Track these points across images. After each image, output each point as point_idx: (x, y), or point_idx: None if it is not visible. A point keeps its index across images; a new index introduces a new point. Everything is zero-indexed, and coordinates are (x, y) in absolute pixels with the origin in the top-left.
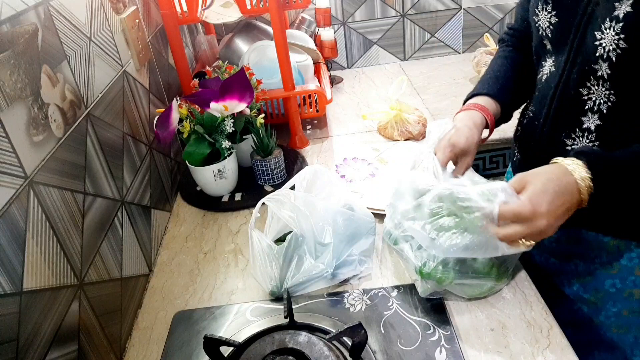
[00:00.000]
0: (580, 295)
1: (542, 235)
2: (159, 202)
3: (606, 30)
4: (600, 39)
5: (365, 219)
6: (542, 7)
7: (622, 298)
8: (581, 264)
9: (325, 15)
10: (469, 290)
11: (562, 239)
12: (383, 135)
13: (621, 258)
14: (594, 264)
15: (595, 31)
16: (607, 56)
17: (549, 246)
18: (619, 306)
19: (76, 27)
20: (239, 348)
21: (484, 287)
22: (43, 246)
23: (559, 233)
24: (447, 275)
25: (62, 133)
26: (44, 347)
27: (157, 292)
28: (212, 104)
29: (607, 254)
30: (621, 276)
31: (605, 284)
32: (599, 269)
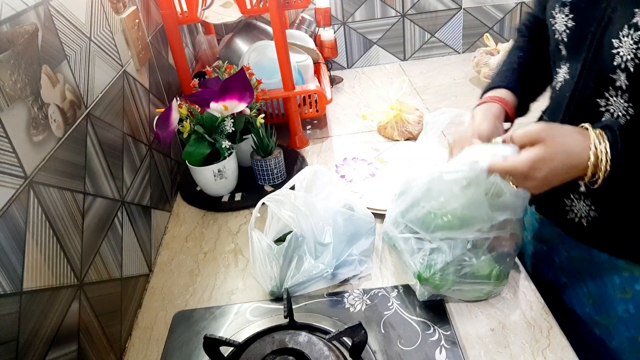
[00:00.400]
0: (592, 318)
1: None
2: (159, 202)
3: (624, 38)
4: (618, 47)
5: (365, 219)
6: (559, 9)
7: (636, 324)
8: (592, 285)
9: (325, 15)
10: (468, 294)
11: (573, 258)
12: (383, 135)
13: (635, 283)
14: (606, 287)
15: (612, 39)
16: (625, 66)
17: (559, 265)
18: (633, 332)
19: (76, 27)
20: (239, 348)
21: (482, 291)
22: (43, 246)
23: (571, 252)
24: (446, 281)
25: (62, 133)
26: (44, 347)
27: (157, 292)
28: (212, 104)
29: (620, 278)
30: (635, 302)
31: (618, 308)
32: (612, 292)
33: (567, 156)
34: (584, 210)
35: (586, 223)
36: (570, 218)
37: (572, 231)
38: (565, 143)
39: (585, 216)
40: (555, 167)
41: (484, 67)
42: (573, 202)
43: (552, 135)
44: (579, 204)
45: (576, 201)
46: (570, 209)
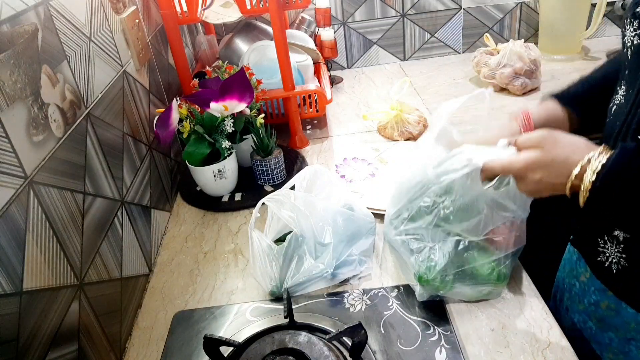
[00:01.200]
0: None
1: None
2: (158, 202)
3: None
4: None
5: (365, 219)
6: (630, 20)
7: None
8: (616, 340)
9: (325, 15)
10: (468, 294)
11: (601, 305)
12: (383, 135)
13: None
14: (629, 344)
15: None
16: None
17: (588, 308)
18: None
19: (76, 27)
20: (239, 348)
21: (483, 291)
22: (43, 246)
23: (599, 297)
24: (446, 282)
25: (62, 133)
26: (44, 347)
27: (157, 292)
28: (212, 104)
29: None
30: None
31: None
32: (634, 351)
33: (564, 164)
34: (615, 256)
35: (615, 270)
36: (601, 261)
37: (601, 275)
38: (565, 153)
39: (615, 262)
40: (550, 174)
41: (483, 67)
42: (606, 245)
43: (554, 141)
44: (611, 248)
45: (609, 244)
46: (602, 250)
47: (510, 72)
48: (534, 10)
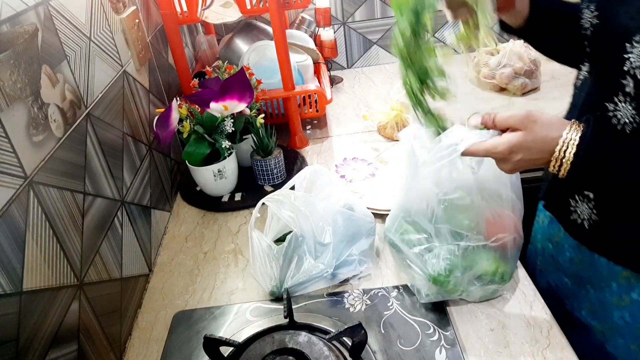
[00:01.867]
0: (589, 323)
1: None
2: (158, 202)
3: (636, 44)
4: (630, 52)
5: (365, 219)
6: (587, 5)
7: (630, 332)
8: (592, 291)
9: (325, 15)
10: (474, 294)
11: (575, 260)
12: (383, 135)
13: (632, 291)
14: (604, 292)
15: (626, 43)
16: (634, 73)
17: (563, 265)
18: (627, 340)
19: (76, 27)
20: (238, 348)
21: (489, 290)
22: (43, 246)
23: (573, 253)
24: (458, 284)
25: (62, 133)
26: (44, 347)
27: (157, 292)
28: (212, 104)
29: (618, 285)
30: (631, 310)
31: (614, 315)
32: (609, 298)
33: (544, 143)
34: (586, 212)
35: (587, 226)
36: (574, 219)
37: (574, 232)
38: (544, 131)
39: (587, 219)
40: (531, 152)
41: (484, 67)
42: (577, 203)
43: (535, 121)
44: (582, 205)
45: (580, 202)
46: (574, 209)
47: (510, 72)
48: None
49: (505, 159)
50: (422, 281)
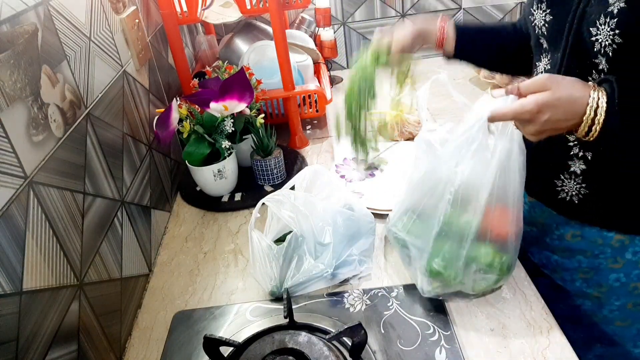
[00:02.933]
0: (584, 291)
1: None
2: (158, 202)
3: (601, 26)
4: (596, 34)
5: (365, 219)
6: (537, 5)
7: (626, 292)
8: (585, 260)
9: (325, 15)
10: (476, 285)
11: (565, 236)
12: (383, 135)
13: (626, 252)
14: (598, 259)
15: (590, 27)
16: (604, 51)
17: (551, 244)
18: (623, 300)
19: (76, 27)
20: (238, 348)
21: (489, 281)
22: (43, 246)
23: (562, 230)
24: (456, 274)
25: (62, 133)
26: (44, 347)
27: (157, 292)
28: (212, 104)
29: (611, 249)
30: (626, 270)
31: (609, 278)
32: (603, 263)
33: (570, 103)
34: (575, 188)
35: (577, 201)
36: (562, 198)
37: (563, 210)
38: (569, 91)
39: (576, 194)
40: (558, 112)
41: None
42: (564, 182)
43: (558, 82)
44: (570, 183)
45: (567, 181)
46: (561, 188)
47: None
48: None
49: (532, 119)
50: (423, 276)
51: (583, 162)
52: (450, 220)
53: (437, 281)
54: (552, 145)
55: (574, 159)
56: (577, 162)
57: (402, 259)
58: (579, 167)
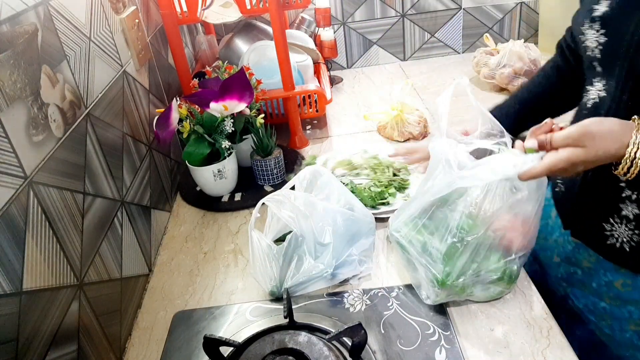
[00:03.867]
0: (635, 343)
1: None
2: (158, 202)
3: None
4: None
5: (365, 219)
6: (589, 25)
7: None
8: (636, 312)
9: (325, 15)
10: (480, 296)
11: (613, 283)
12: (383, 135)
13: None
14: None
15: None
16: None
17: (598, 290)
18: None
19: (76, 27)
20: (238, 348)
21: (495, 291)
22: (43, 246)
23: (612, 277)
24: (466, 287)
25: (62, 133)
26: (44, 347)
27: (156, 292)
28: (211, 104)
29: None
30: None
31: None
32: None
33: (605, 157)
34: (626, 234)
35: (629, 248)
36: (611, 243)
37: (612, 257)
38: (607, 143)
39: (627, 241)
40: (593, 163)
41: (483, 67)
42: (614, 227)
43: (593, 137)
44: (620, 228)
45: (617, 225)
46: (610, 234)
47: (510, 72)
48: (534, 10)
49: (565, 172)
50: (429, 284)
51: (636, 205)
52: (462, 231)
53: (444, 291)
54: (601, 186)
55: (626, 201)
56: (630, 206)
57: (404, 261)
58: (632, 212)
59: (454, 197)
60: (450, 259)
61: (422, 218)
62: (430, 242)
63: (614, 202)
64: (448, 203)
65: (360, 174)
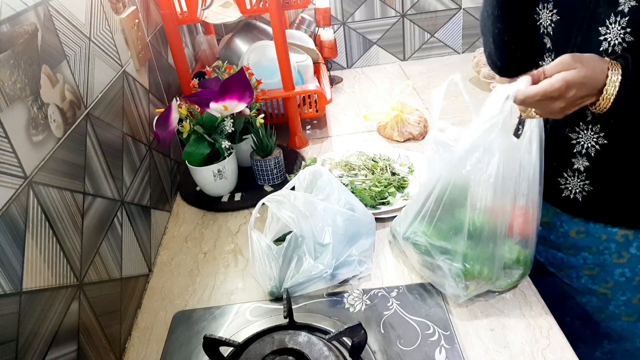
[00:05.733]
0: (589, 288)
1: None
2: (158, 202)
3: (611, 25)
4: (605, 34)
5: (365, 219)
6: (543, 5)
7: (632, 287)
8: (590, 257)
9: (325, 16)
10: (502, 282)
11: (569, 233)
12: (383, 135)
13: (630, 247)
14: (603, 255)
15: (599, 27)
16: (613, 50)
17: (556, 241)
18: (629, 295)
19: (76, 27)
20: (238, 348)
21: (513, 277)
22: (43, 246)
23: (567, 227)
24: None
25: (62, 133)
26: (44, 347)
27: (156, 292)
28: (211, 104)
29: (616, 244)
30: (631, 265)
31: (614, 273)
32: (608, 259)
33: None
34: (579, 186)
35: (581, 198)
36: (566, 195)
37: (567, 208)
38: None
39: (580, 191)
40: (582, 88)
41: (483, 67)
42: (567, 180)
43: (581, 60)
44: (574, 180)
45: (570, 179)
46: (565, 186)
47: None
48: None
49: (560, 96)
50: (455, 279)
51: (587, 159)
52: (477, 220)
53: (472, 284)
54: (554, 144)
55: (577, 156)
56: (580, 160)
57: (420, 263)
58: (583, 165)
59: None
60: (470, 251)
61: (434, 215)
62: (449, 238)
63: (567, 158)
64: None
65: (358, 174)
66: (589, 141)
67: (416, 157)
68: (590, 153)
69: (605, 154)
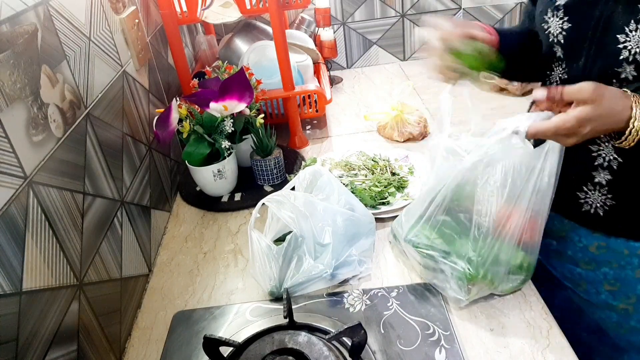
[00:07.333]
0: (609, 303)
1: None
2: (158, 202)
3: (631, 32)
4: (625, 41)
5: (365, 219)
6: (553, 13)
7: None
8: (610, 272)
9: (325, 16)
10: (504, 286)
11: (588, 248)
12: (383, 135)
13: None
14: (625, 270)
15: (617, 34)
16: (634, 58)
17: (573, 256)
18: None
19: (76, 27)
20: (238, 348)
21: (516, 281)
22: (42, 246)
23: (586, 242)
24: (495, 278)
25: (62, 133)
26: (44, 347)
27: (156, 292)
28: (211, 104)
29: (638, 259)
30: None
31: (637, 288)
32: (630, 274)
33: (611, 117)
34: (600, 200)
35: (602, 213)
36: (586, 210)
37: (587, 222)
38: (611, 105)
39: (601, 206)
40: (599, 125)
41: None
42: (587, 194)
43: (602, 95)
44: (594, 194)
45: (590, 193)
46: (584, 201)
47: None
48: None
49: (573, 133)
50: (458, 282)
51: (609, 172)
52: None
53: (474, 288)
54: (574, 157)
55: (598, 169)
56: (601, 173)
57: (421, 265)
58: (605, 178)
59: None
60: (475, 255)
61: (438, 219)
62: (452, 242)
63: (587, 171)
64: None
65: (358, 174)
66: (611, 154)
67: (416, 157)
68: (612, 166)
69: (628, 166)
